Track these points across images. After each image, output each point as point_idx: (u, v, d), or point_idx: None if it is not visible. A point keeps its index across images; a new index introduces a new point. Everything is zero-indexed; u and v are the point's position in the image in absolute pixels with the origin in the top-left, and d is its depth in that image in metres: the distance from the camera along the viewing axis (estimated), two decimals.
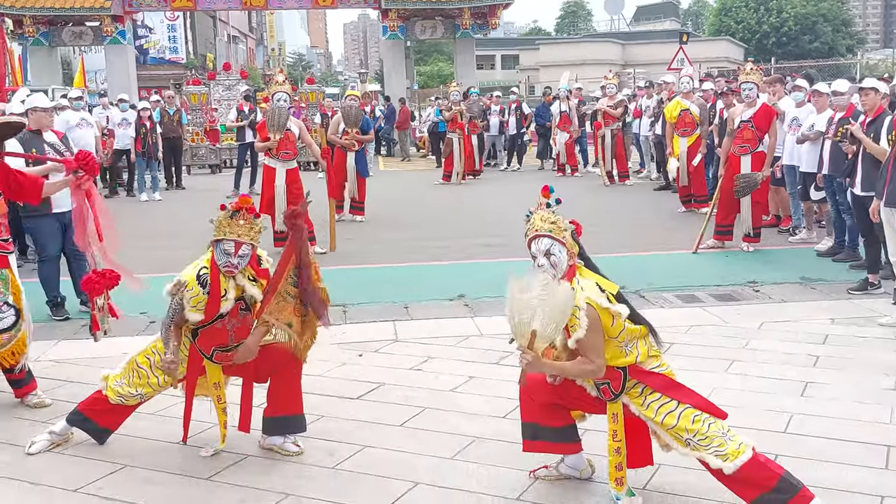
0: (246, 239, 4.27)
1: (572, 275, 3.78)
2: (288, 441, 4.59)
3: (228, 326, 4.41)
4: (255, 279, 4.42)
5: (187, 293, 4.26)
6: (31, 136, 7.30)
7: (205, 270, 4.28)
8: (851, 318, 6.88)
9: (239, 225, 4.26)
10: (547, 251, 3.78)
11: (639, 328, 3.76)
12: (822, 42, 60.57)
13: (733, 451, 3.61)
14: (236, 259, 4.26)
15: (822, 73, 18.90)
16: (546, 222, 3.82)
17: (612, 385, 3.78)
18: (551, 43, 65.13)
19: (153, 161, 16.54)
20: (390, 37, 27.29)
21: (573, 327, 3.63)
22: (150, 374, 4.55)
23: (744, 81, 9.58)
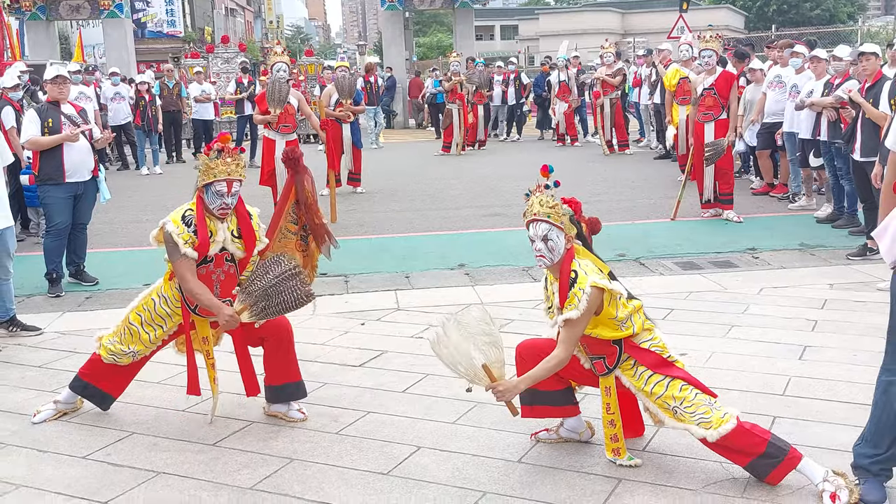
0: (236, 175, 4.31)
1: (570, 257, 3.80)
2: (293, 409, 4.65)
3: (214, 276, 4.40)
4: (239, 236, 4.42)
5: (174, 230, 4.25)
6: (48, 108, 7.34)
7: (189, 212, 4.31)
8: (850, 283, 6.93)
9: (227, 163, 4.29)
10: (544, 236, 3.80)
11: (634, 304, 3.82)
12: (823, 9, 60.03)
13: (717, 420, 3.66)
14: (230, 198, 4.31)
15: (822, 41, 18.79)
16: (545, 206, 3.81)
17: (608, 360, 3.85)
18: (551, 12, 64.72)
19: (153, 134, 16.54)
20: (389, 8, 27.11)
21: (570, 305, 3.68)
22: (142, 331, 4.51)
23: (703, 49, 9.60)
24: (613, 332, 3.79)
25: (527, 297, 6.79)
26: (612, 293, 3.73)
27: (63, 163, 7.25)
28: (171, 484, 3.92)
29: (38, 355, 5.82)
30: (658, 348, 3.84)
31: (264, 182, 10.31)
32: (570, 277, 3.73)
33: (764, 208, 10.40)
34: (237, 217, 4.44)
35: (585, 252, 3.89)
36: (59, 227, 7.40)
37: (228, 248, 4.41)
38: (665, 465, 3.93)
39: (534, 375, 3.78)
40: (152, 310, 4.51)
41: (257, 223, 4.54)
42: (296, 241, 4.62)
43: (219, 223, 4.36)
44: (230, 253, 4.43)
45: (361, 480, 3.89)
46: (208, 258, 4.35)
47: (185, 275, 4.27)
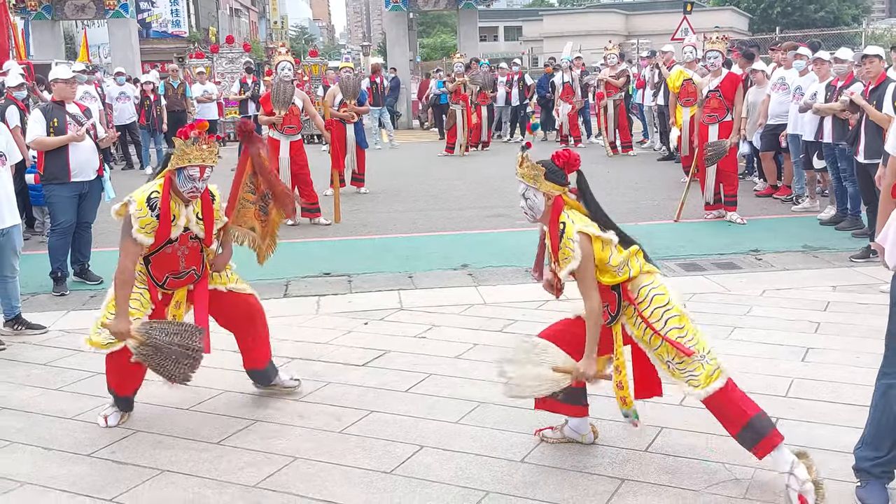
0: (209, 162, 4.41)
1: (558, 210, 3.88)
2: (285, 377, 4.92)
3: (179, 252, 4.47)
4: (201, 218, 4.51)
5: (135, 212, 4.29)
6: (53, 107, 7.37)
7: (155, 194, 4.35)
8: (853, 285, 6.93)
9: (202, 149, 4.38)
10: (523, 194, 3.97)
11: (630, 249, 3.88)
12: (827, 11, 60.03)
13: (706, 377, 3.72)
14: (201, 183, 4.40)
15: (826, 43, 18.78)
16: (521, 167, 3.98)
17: (610, 307, 3.91)
18: (555, 14, 64.80)
19: (158, 134, 16.58)
20: (393, 8, 27.12)
21: (566, 259, 3.76)
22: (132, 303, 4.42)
23: (709, 50, 9.62)
24: (611, 278, 3.84)
25: (530, 298, 6.80)
26: (601, 239, 3.81)
27: (68, 162, 7.28)
28: (176, 482, 3.94)
29: (42, 353, 5.85)
30: (659, 292, 3.85)
31: None
32: (559, 229, 3.82)
33: (767, 210, 10.41)
34: (202, 200, 4.51)
35: (575, 205, 3.97)
36: (63, 226, 7.42)
37: (192, 228, 4.49)
38: (668, 466, 3.94)
39: (592, 339, 3.82)
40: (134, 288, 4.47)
41: (219, 204, 4.63)
42: (254, 211, 4.78)
43: (183, 207, 4.43)
44: (194, 232, 4.51)
45: (364, 479, 3.91)
46: (172, 238, 4.42)
47: (127, 254, 4.34)
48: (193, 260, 4.54)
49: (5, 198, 6.09)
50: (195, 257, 4.55)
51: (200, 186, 4.41)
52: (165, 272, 4.51)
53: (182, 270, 4.53)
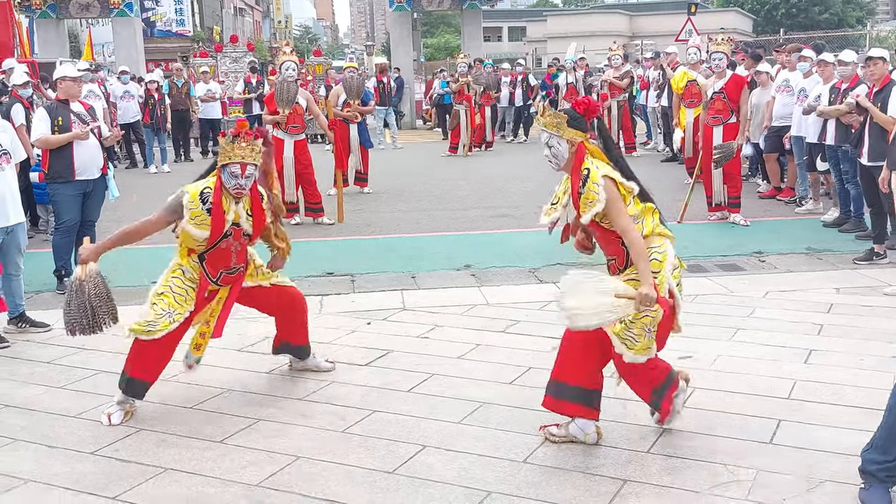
0: (249, 160, 4.58)
1: (581, 157, 4.05)
2: (321, 360, 5.28)
3: (232, 248, 4.71)
4: (251, 214, 4.72)
5: (188, 203, 4.54)
6: (58, 106, 7.39)
7: (208, 190, 4.60)
8: (857, 287, 6.92)
9: (241, 147, 4.56)
10: (547, 143, 4.12)
11: (647, 205, 4.11)
12: (831, 13, 59.91)
13: (643, 346, 3.99)
14: (244, 180, 4.58)
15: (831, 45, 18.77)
16: (543, 116, 4.13)
17: (618, 261, 4.11)
18: (559, 14, 64.73)
19: (162, 133, 16.60)
20: (397, 8, 27.12)
21: (590, 203, 3.93)
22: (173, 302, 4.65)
23: (714, 52, 9.61)
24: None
25: (533, 299, 6.81)
26: (622, 186, 3.99)
27: (73, 160, 7.29)
28: (179, 480, 3.95)
29: (46, 351, 5.86)
30: (657, 258, 4.00)
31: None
32: (581, 175, 3.99)
33: (771, 212, 10.41)
34: (251, 197, 4.71)
35: (598, 152, 4.14)
36: (67, 225, 7.44)
37: (242, 225, 4.70)
38: (670, 467, 3.94)
39: (644, 268, 3.90)
40: (182, 282, 4.72)
41: (267, 203, 4.85)
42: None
43: (233, 203, 4.64)
44: (245, 229, 4.73)
45: (367, 479, 3.91)
46: (227, 232, 4.65)
47: (151, 222, 4.69)
48: (242, 257, 4.82)
49: (10, 196, 6.11)
50: (243, 255, 4.82)
51: (244, 183, 4.59)
52: (220, 268, 4.75)
53: (233, 266, 4.78)
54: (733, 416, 4.46)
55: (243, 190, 4.60)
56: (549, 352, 5.52)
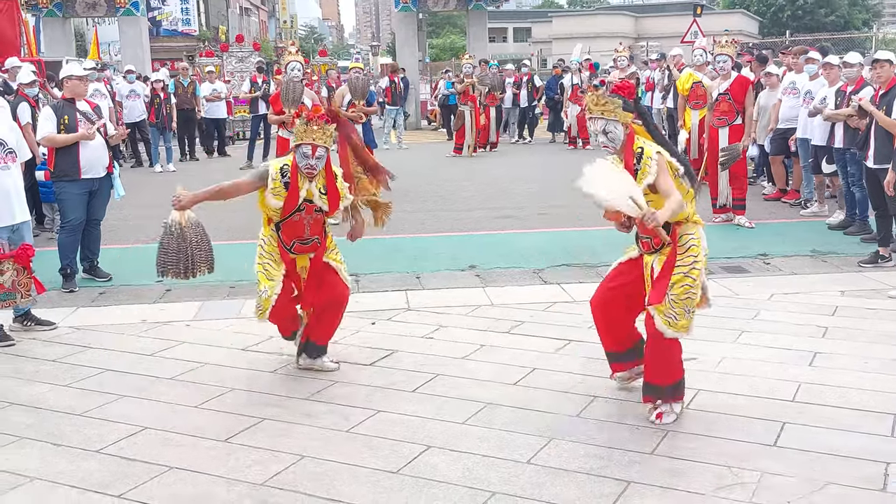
0: (320, 142, 4.97)
1: (632, 139, 4.33)
2: (326, 360, 5.35)
3: (305, 221, 5.09)
4: (325, 192, 5.10)
5: (271, 173, 4.99)
6: (64, 105, 7.41)
7: (286, 166, 5.02)
8: (861, 290, 6.92)
9: (313, 130, 4.95)
10: (603, 130, 4.35)
11: (690, 191, 4.38)
12: (837, 15, 59.84)
13: (681, 326, 4.30)
14: (314, 160, 4.96)
15: (837, 47, 18.73)
16: (598, 105, 4.33)
17: (654, 241, 4.38)
18: (564, 15, 64.74)
19: (167, 132, 16.63)
20: (402, 9, 27.15)
21: (643, 175, 4.23)
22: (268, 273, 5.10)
23: (718, 54, 9.61)
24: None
25: (538, 300, 6.81)
26: (671, 165, 4.29)
27: (79, 159, 7.32)
28: (184, 478, 3.95)
29: (52, 350, 5.87)
30: (695, 243, 4.37)
31: None
32: (635, 154, 4.28)
33: (776, 214, 10.40)
34: (326, 177, 5.08)
35: (642, 131, 4.41)
36: (73, 223, 7.46)
37: (315, 202, 5.06)
38: (674, 469, 3.94)
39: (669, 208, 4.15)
40: (264, 254, 5.16)
41: (342, 183, 5.22)
42: (368, 179, 5.65)
43: (307, 181, 5.01)
44: (318, 206, 5.09)
45: (371, 479, 3.92)
46: (300, 206, 5.02)
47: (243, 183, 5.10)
48: (317, 230, 5.15)
49: (15, 194, 6.13)
50: (318, 227, 5.16)
51: (314, 164, 4.96)
52: (293, 237, 5.11)
53: (307, 237, 5.13)
54: (737, 419, 4.46)
55: (314, 170, 4.97)
56: (553, 353, 5.55)
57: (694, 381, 4.97)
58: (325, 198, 5.09)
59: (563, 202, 11.27)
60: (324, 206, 5.09)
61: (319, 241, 5.19)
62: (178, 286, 7.43)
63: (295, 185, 4.99)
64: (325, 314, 5.28)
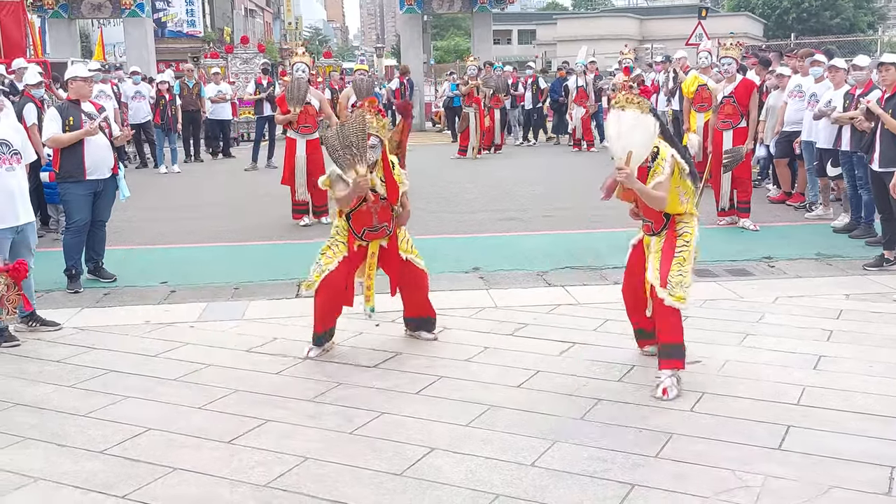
0: (373, 131, 5.36)
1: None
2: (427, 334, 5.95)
3: (372, 210, 5.49)
4: (384, 180, 5.52)
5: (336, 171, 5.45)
6: (69, 105, 7.42)
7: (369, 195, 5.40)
8: (866, 293, 6.90)
9: (369, 120, 5.34)
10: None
11: (692, 188, 4.89)
12: (842, 18, 59.73)
13: (679, 297, 4.76)
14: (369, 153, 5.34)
15: (842, 50, 18.70)
16: (630, 102, 4.76)
17: (654, 225, 4.96)
18: (568, 18, 64.68)
19: (172, 133, 16.65)
20: (407, 11, 27.16)
21: (656, 173, 4.75)
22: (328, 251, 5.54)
23: (723, 57, 9.61)
24: (674, 204, 4.83)
25: (541, 302, 6.81)
26: (678, 165, 4.78)
27: (84, 160, 7.33)
28: (187, 479, 3.96)
29: (56, 350, 5.88)
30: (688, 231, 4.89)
31: (285, 181, 10.41)
32: (652, 152, 4.76)
33: (780, 217, 10.38)
34: (383, 166, 5.50)
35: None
36: (78, 224, 7.47)
37: (377, 190, 5.48)
38: (677, 472, 3.94)
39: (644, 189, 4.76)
40: (333, 238, 5.59)
41: (399, 171, 5.63)
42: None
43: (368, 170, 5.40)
44: (382, 194, 5.51)
45: (375, 480, 3.92)
46: (366, 197, 5.42)
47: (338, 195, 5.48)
48: (384, 217, 5.56)
49: (20, 195, 6.13)
50: (386, 215, 5.57)
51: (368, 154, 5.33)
52: (363, 226, 5.53)
53: (376, 225, 5.55)
54: (741, 422, 4.45)
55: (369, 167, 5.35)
56: (557, 355, 5.55)
57: (698, 383, 4.98)
58: (384, 185, 5.51)
59: (567, 204, 11.28)
60: (383, 193, 5.49)
61: (389, 227, 5.61)
62: (182, 287, 7.47)
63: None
64: (413, 296, 5.86)
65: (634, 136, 4.66)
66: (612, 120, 4.78)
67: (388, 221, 5.60)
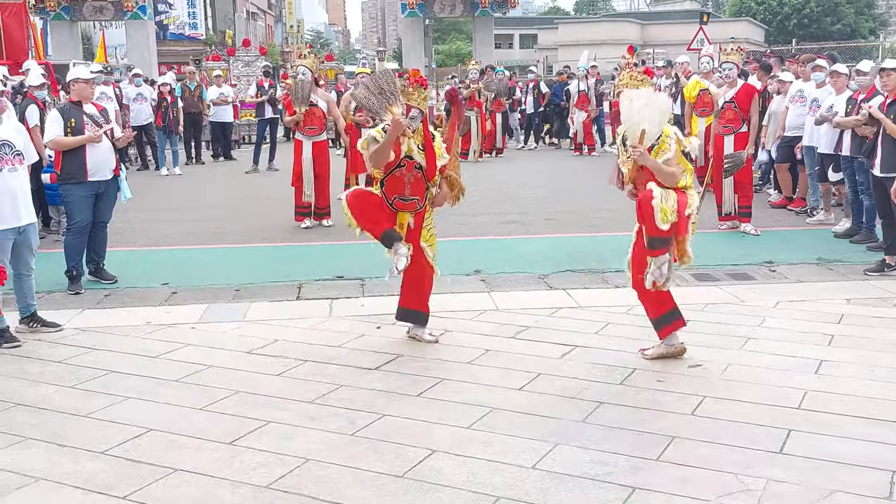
0: (414, 103, 5.55)
1: None
2: (425, 333, 5.88)
3: (405, 179, 5.60)
4: (423, 149, 5.60)
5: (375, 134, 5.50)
6: (71, 107, 7.42)
7: (387, 126, 5.46)
8: (867, 298, 6.90)
9: (409, 92, 5.55)
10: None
11: (689, 166, 5.15)
12: (844, 24, 59.78)
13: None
14: (408, 119, 5.47)
15: (843, 55, 18.71)
16: (634, 80, 5.05)
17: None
18: (570, 22, 64.79)
19: (174, 135, 16.67)
20: (409, 14, 27.25)
21: (661, 150, 4.96)
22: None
23: (724, 62, 9.63)
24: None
25: (542, 305, 6.81)
26: (681, 144, 5.03)
27: (85, 162, 7.33)
28: (188, 480, 3.96)
29: (57, 351, 5.88)
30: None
31: (293, 183, 10.44)
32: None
33: (782, 222, 10.38)
34: (424, 136, 5.60)
35: None
36: (79, 225, 7.47)
37: (415, 157, 5.57)
38: (679, 476, 3.93)
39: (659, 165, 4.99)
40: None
41: (439, 143, 5.73)
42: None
43: (407, 138, 5.51)
44: (418, 162, 5.59)
45: (376, 482, 3.91)
46: (401, 163, 5.54)
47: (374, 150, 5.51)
48: (417, 190, 5.65)
49: (22, 196, 6.14)
50: (419, 188, 5.65)
51: (408, 123, 5.45)
52: (395, 193, 5.63)
53: (408, 196, 5.64)
54: (743, 426, 4.45)
55: (408, 129, 5.45)
56: (558, 358, 5.55)
57: (700, 387, 4.98)
58: (423, 154, 5.58)
59: (569, 208, 11.29)
60: (422, 162, 5.57)
61: (420, 202, 5.69)
62: (183, 289, 7.48)
63: (396, 141, 5.46)
64: (417, 283, 5.88)
65: (648, 113, 4.86)
66: (624, 100, 4.97)
67: (421, 196, 5.68)
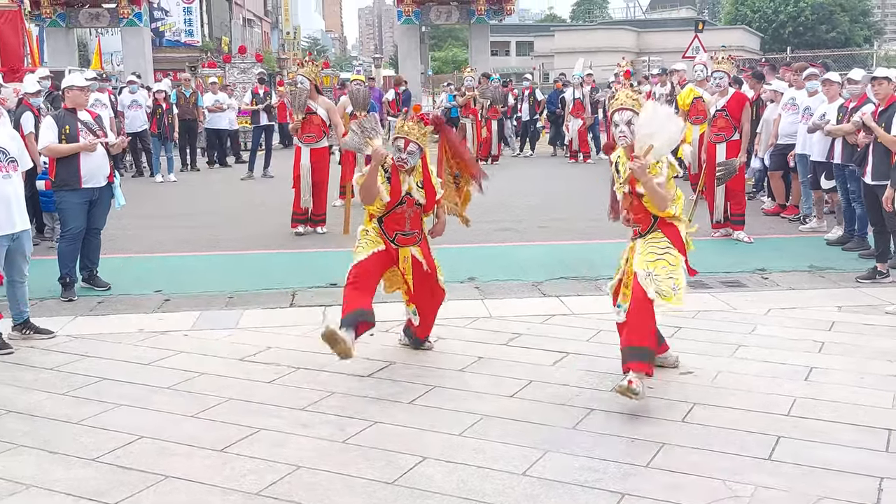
0: (412, 138, 5.40)
1: None
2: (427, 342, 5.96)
3: (406, 214, 5.54)
4: (422, 186, 5.54)
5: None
6: (65, 115, 7.44)
7: (388, 163, 5.43)
8: (859, 306, 6.93)
9: (410, 126, 5.43)
10: (628, 121, 4.92)
11: (679, 193, 5.00)
12: (838, 32, 60.02)
13: (669, 298, 4.77)
14: (405, 154, 5.40)
15: (837, 64, 18.79)
16: (629, 98, 4.98)
17: (642, 228, 5.01)
18: (566, 30, 64.92)
19: (169, 142, 16.67)
20: (405, 21, 27.27)
21: (654, 173, 4.81)
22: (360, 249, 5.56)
23: (715, 70, 9.68)
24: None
25: (536, 312, 6.83)
26: (673, 168, 4.98)
27: (79, 168, 7.33)
28: (179, 488, 3.96)
29: (50, 358, 5.88)
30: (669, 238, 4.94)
31: (294, 186, 10.47)
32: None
33: (774, 229, 10.41)
34: (423, 173, 5.52)
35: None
36: (73, 232, 7.48)
37: (414, 195, 5.51)
38: (669, 482, 3.95)
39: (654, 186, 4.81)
40: (366, 235, 5.60)
41: (437, 179, 5.64)
42: (453, 188, 6.01)
43: (406, 175, 5.46)
44: (417, 199, 5.54)
45: (367, 489, 3.92)
46: (402, 200, 5.48)
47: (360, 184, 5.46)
48: (416, 224, 5.62)
49: (16, 203, 6.14)
50: (417, 222, 5.62)
51: (406, 158, 5.39)
52: (395, 229, 5.56)
53: (408, 230, 5.58)
54: (733, 432, 4.47)
55: (405, 164, 5.39)
56: (550, 365, 5.56)
57: (690, 394, 5.00)
58: (422, 191, 5.54)
59: (562, 215, 11.31)
60: (421, 200, 5.53)
61: (419, 235, 5.65)
62: (177, 296, 7.48)
63: (397, 179, 5.42)
64: (423, 311, 5.84)
65: (663, 132, 4.78)
66: (648, 108, 4.89)
67: (419, 230, 5.66)
